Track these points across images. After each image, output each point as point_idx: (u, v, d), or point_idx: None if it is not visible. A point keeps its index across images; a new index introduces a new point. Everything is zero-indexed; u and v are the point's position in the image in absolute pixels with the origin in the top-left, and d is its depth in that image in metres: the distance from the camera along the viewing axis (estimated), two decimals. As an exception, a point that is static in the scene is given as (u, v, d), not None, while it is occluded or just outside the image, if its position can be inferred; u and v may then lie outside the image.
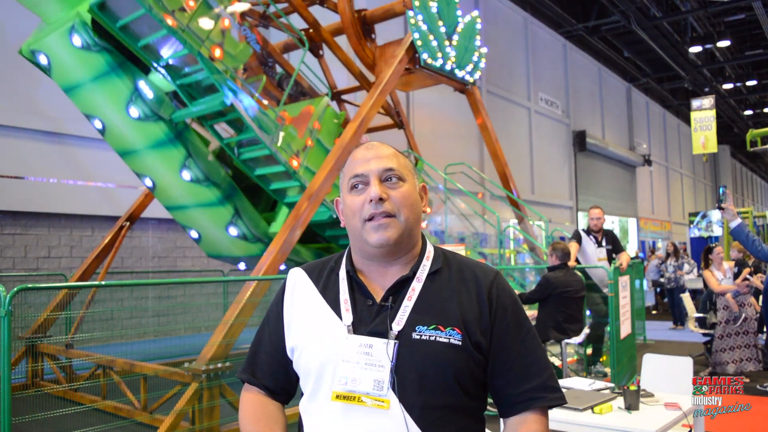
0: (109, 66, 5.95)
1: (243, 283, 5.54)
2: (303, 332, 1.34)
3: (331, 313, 1.32)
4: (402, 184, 1.34)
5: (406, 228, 1.32)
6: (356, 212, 1.32)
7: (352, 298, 1.34)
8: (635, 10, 19.09)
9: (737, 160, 41.81)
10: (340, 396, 1.24)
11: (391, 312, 1.29)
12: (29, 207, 9.18)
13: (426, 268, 1.35)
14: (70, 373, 6.48)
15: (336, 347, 1.28)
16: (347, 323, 1.29)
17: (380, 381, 1.23)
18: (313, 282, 1.40)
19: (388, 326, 1.27)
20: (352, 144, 6.57)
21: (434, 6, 7.63)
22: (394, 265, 1.35)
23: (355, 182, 1.34)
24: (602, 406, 2.92)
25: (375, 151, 1.37)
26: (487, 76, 16.88)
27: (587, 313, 6.73)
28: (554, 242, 6.06)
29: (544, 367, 1.32)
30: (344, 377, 1.25)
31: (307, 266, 1.46)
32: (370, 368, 1.24)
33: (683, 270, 12.02)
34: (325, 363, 1.28)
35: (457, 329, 1.26)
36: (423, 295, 1.31)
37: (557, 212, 20.12)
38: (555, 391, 1.32)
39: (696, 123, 20.48)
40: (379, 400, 1.22)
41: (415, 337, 1.25)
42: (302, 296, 1.39)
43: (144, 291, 10.05)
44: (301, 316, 1.37)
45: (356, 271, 1.37)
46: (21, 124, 8.99)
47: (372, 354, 1.25)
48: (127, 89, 6.02)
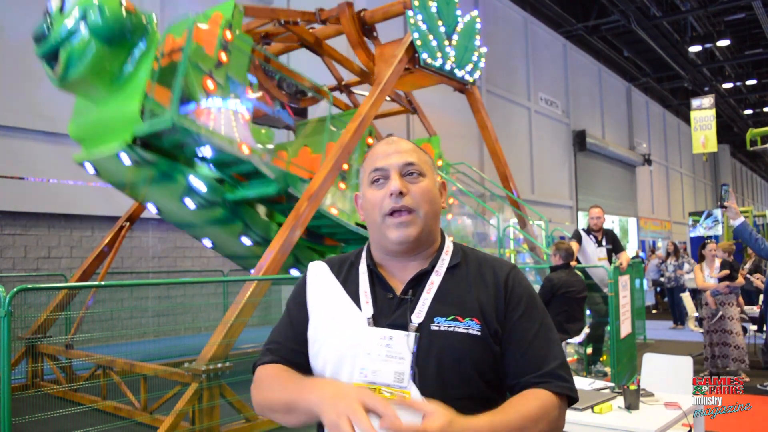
0: (160, 173, 6.23)
1: (243, 283, 5.54)
2: (323, 323, 1.35)
3: (352, 305, 1.33)
4: (422, 179, 1.35)
5: (425, 224, 1.33)
6: (376, 206, 1.33)
7: (372, 291, 1.34)
8: (635, 10, 19.09)
9: (737, 160, 41.80)
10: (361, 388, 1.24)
11: (411, 304, 1.30)
12: (29, 207, 9.18)
13: (445, 263, 1.36)
14: (70, 373, 6.48)
15: (356, 339, 1.28)
16: (367, 315, 1.30)
17: (401, 373, 1.23)
18: (335, 274, 1.41)
19: (408, 318, 1.27)
20: (352, 144, 6.57)
21: (434, 6, 7.63)
22: (413, 260, 1.36)
23: (376, 176, 1.35)
24: (602, 406, 2.92)
25: (395, 146, 1.37)
26: (487, 76, 16.88)
27: (587, 313, 6.74)
28: (558, 242, 6.06)
29: (555, 357, 1.30)
30: (365, 369, 1.25)
31: (328, 260, 1.47)
32: (391, 360, 1.24)
33: (683, 269, 12.01)
34: (344, 354, 1.28)
35: (475, 319, 1.27)
36: (442, 287, 1.31)
37: (557, 212, 20.11)
38: (564, 380, 1.28)
39: (696, 122, 20.50)
40: (399, 392, 1.22)
41: (433, 328, 1.26)
42: (324, 287, 1.39)
43: (144, 291, 10.05)
44: (322, 307, 1.37)
45: (376, 265, 1.38)
46: (21, 125, 8.99)
47: (392, 346, 1.25)
48: (180, 187, 6.31)
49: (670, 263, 12.33)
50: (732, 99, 29.65)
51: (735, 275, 7.06)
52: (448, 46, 7.85)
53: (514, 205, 9.29)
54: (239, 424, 4.97)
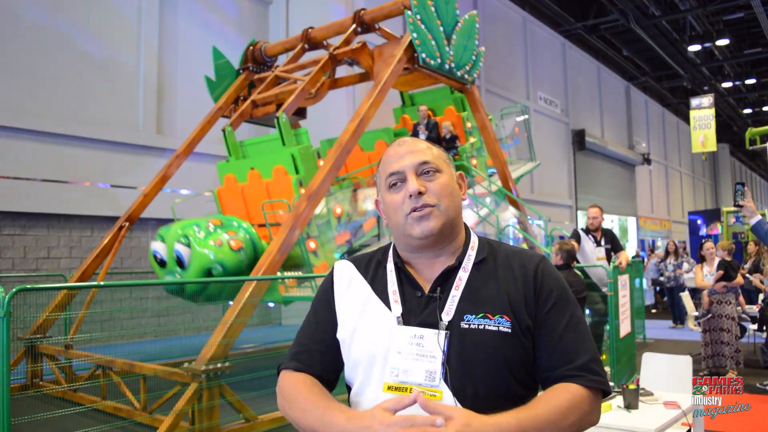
0: None
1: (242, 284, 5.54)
2: (353, 323, 1.34)
3: (381, 304, 1.32)
4: (439, 176, 1.34)
5: (447, 217, 1.32)
6: (397, 209, 1.32)
7: (400, 289, 1.33)
8: (634, 9, 19.09)
9: (736, 159, 41.81)
10: (392, 387, 1.24)
11: (440, 302, 1.29)
12: (28, 207, 9.17)
13: (471, 258, 1.35)
14: (69, 373, 6.47)
15: (386, 338, 1.27)
16: (397, 314, 1.29)
17: (432, 372, 1.22)
18: (362, 274, 1.40)
19: (437, 317, 1.26)
20: (351, 143, 6.57)
21: (433, 6, 7.63)
22: (440, 256, 1.35)
23: (393, 180, 1.34)
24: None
25: (408, 146, 1.36)
26: (486, 75, 16.88)
27: (587, 312, 6.73)
28: (561, 242, 6.05)
29: (587, 350, 1.28)
30: (396, 368, 1.24)
31: (353, 258, 1.45)
32: (422, 359, 1.23)
33: (683, 269, 12.02)
34: (375, 354, 1.27)
35: (505, 316, 1.25)
36: (470, 284, 1.30)
37: (557, 211, 20.11)
38: (596, 374, 1.26)
39: (695, 121, 20.49)
40: (431, 391, 1.21)
41: (464, 326, 1.25)
42: (352, 287, 1.38)
43: (143, 291, 10.04)
44: (351, 306, 1.36)
45: (403, 263, 1.37)
46: (20, 125, 8.98)
47: (423, 345, 1.24)
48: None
49: (669, 262, 12.33)
50: (731, 98, 29.65)
51: (733, 275, 7.08)
52: (447, 46, 7.85)
53: (514, 204, 9.29)
54: (239, 424, 4.97)
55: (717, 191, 39.72)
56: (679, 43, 22.02)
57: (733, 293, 7.09)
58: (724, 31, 21.54)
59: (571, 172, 22.09)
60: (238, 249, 6.30)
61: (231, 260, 6.19)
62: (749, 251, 10.73)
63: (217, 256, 6.12)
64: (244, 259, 6.33)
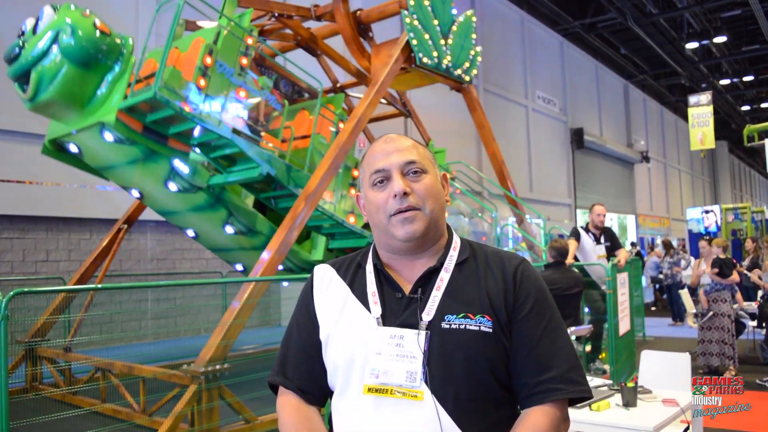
0: (144, 153, 6.11)
1: (242, 285, 5.54)
2: (332, 326, 1.32)
3: (360, 306, 1.31)
4: (424, 176, 1.32)
5: (431, 219, 1.30)
6: (380, 208, 1.31)
7: (380, 291, 1.32)
8: (631, 7, 19.09)
9: (735, 156, 41.83)
10: (372, 389, 1.22)
11: (421, 303, 1.27)
12: (27, 211, 9.17)
13: (453, 259, 1.33)
14: (68, 376, 6.47)
15: (365, 340, 1.26)
16: (376, 315, 1.28)
17: (413, 372, 1.21)
18: (341, 277, 1.38)
19: (418, 317, 1.25)
20: (348, 144, 6.56)
21: (429, 5, 7.62)
22: (421, 257, 1.33)
23: (378, 178, 1.32)
24: (600, 403, 2.92)
25: (395, 144, 1.34)
26: (484, 75, 16.87)
27: (585, 310, 6.74)
28: (552, 240, 6.06)
29: (566, 358, 1.26)
30: (376, 369, 1.23)
31: (332, 262, 1.44)
32: (402, 360, 1.22)
33: (680, 266, 12.02)
34: (354, 356, 1.26)
35: (487, 316, 1.24)
36: (451, 284, 1.29)
37: (555, 210, 20.11)
38: (576, 384, 1.25)
39: (693, 119, 20.50)
40: (412, 392, 1.20)
41: (444, 326, 1.23)
42: (331, 290, 1.37)
43: (143, 293, 10.04)
44: (330, 310, 1.34)
45: (383, 264, 1.35)
46: (19, 128, 8.97)
47: (403, 345, 1.23)
48: (163, 169, 6.21)
49: (666, 260, 12.34)
50: (729, 95, 29.67)
51: (728, 272, 7.08)
52: (444, 45, 7.85)
53: (512, 203, 9.28)
54: (239, 425, 4.96)
55: (716, 188, 39.74)
56: (676, 40, 22.03)
57: (728, 291, 7.10)
58: (722, 28, 21.54)
59: (570, 170, 22.09)
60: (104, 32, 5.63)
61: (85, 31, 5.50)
62: (747, 248, 10.74)
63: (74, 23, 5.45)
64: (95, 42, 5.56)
